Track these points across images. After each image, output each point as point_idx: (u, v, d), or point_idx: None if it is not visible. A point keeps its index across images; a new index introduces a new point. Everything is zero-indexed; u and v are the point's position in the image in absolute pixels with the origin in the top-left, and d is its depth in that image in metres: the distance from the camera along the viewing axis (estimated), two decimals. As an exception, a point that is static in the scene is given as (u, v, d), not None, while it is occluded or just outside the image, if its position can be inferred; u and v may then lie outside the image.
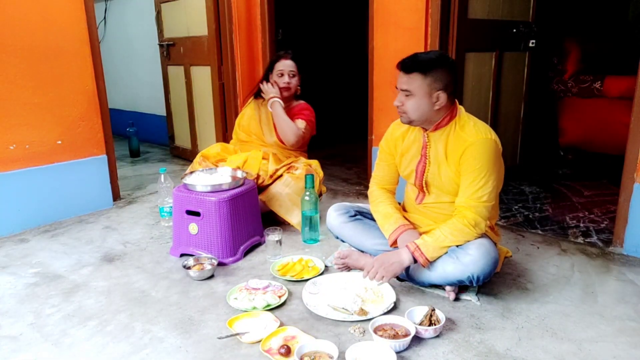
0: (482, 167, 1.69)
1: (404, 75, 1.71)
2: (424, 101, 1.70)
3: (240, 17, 3.57)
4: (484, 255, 1.70)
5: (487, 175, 1.69)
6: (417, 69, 1.68)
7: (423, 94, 1.69)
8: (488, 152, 1.70)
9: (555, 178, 3.55)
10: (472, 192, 1.71)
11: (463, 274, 1.71)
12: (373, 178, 2.06)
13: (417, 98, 1.70)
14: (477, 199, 1.70)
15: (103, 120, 2.96)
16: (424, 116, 1.75)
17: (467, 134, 1.73)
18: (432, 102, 1.71)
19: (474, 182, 1.70)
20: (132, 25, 5.11)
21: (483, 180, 1.69)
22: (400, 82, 1.73)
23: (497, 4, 2.94)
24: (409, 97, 1.72)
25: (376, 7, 2.89)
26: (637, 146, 2.19)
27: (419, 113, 1.73)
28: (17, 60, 2.55)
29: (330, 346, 1.47)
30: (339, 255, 2.09)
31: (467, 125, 1.75)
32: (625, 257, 2.21)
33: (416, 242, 1.75)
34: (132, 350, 1.57)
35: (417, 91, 1.69)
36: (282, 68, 2.63)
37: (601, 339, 1.60)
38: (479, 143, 1.69)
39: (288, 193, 2.51)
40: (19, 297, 1.94)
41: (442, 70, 1.69)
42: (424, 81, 1.68)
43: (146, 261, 2.25)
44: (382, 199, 1.99)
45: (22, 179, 2.64)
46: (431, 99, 1.70)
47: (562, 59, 3.75)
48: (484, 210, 1.71)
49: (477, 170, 1.69)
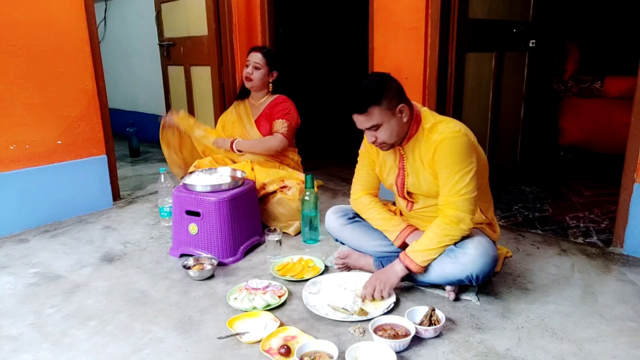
0: (454, 162, 1.68)
1: (360, 116, 1.69)
2: (393, 122, 1.71)
3: (240, 17, 3.57)
4: (482, 255, 1.70)
5: (461, 168, 1.68)
6: (369, 103, 1.67)
7: (389, 118, 1.69)
8: (457, 146, 1.68)
9: (555, 178, 3.55)
10: (450, 188, 1.70)
11: (462, 273, 1.71)
12: (355, 184, 2.04)
13: (385, 125, 1.70)
14: (456, 193, 1.69)
15: (103, 120, 2.96)
16: (401, 134, 1.76)
17: (434, 134, 1.73)
18: (399, 118, 1.71)
19: (450, 178, 1.69)
20: (132, 25, 5.11)
21: (459, 175, 1.68)
22: (360, 123, 1.72)
23: (497, 4, 2.94)
24: (378, 129, 1.72)
25: (376, 7, 2.89)
26: (637, 146, 2.19)
27: (395, 134, 1.74)
28: (17, 60, 2.55)
29: (330, 346, 1.47)
30: (339, 255, 2.09)
31: (434, 127, 1.74)
32: (625, 257, 2.21)
33: (406, 251, 1.77)
34: (132, 350, 1.57)
35: (382, 119, 1.69)
36: (249, 59, 2.67)
37: (601, 339, 1.60)
38: (446, 140, 1.69)
39: (282, 212, 2.52)
40: (19, 297, 1.94)
41: (388, 88, 1.69)
42: (382, 108, 1.67)
43: (146, 261, 2.25)
44: (373, 204, 1.99)
45: (22, 179, 2.64)
46: (396, 116, 1.71)
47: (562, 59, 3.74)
48: (465, 204, 1.69)
49: (450, 166, 1.68)
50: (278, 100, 2.68)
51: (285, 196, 2.51)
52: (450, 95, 2.79)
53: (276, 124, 2.61)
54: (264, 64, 2.64)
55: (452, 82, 2.77)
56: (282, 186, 2.54)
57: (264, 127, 2.66)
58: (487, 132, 3.15)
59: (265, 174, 2.54)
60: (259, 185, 2.50)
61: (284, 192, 2.52)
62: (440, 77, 2.73)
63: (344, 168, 3.97)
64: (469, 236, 1.78)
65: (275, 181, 2.53)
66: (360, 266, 2.05)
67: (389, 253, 1.95)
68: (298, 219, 2.51)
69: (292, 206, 2.51)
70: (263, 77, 2.66)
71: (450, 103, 2.80)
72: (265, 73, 2.66)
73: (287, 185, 2.54)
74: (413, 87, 2.80)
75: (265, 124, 2.66)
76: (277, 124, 2.61)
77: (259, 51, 2.67)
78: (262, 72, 2.65)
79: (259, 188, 2.50)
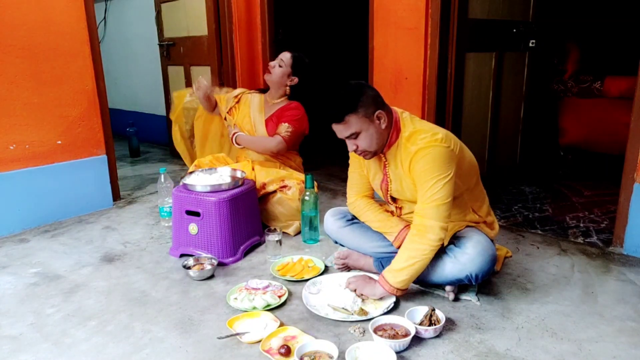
0: (428, 171, 1.65)
1: (338, 125, 1.69)
2: (372, 129, 1.70)
3: (240, 17, 3.57)
4: (480, 254, 1.70)
5: (434, 177, 1.64)
6: (345, 112, 1.66)
7: (367, 125, 1.68)
8: (431, 157, 1.65)
9: (555, 178, 3.55)
10: (421, 195, 1.68)
11: (461, 272, 1.71)
12: (350, 188, 2.04)
13: (364, 132, 1.69)
14: (427, 199, 1.66)
15: (103, 120, 2.96)
16: (381, 141, 1.74)
17: (411, 143, 1.70)
18: (378, 124, 1.70)
19: (422, 185, 1.67)
20: (132, 25, 5.11)
21: (431, 182, 1.65)
22: (340, 132, 1.72)
23: (497, 4, 2.94)
24: (357, 137, 1.71)
25: (376, 7, 2.89)
26: (637, 146, 2.19)
27: (376, 141, 1.72)
28: (17, 60, 2.55)
29: (330, 346, 1.47)
30: (338, 255, 2.09)
31: (412, 136, 1.71)
32: (625, 257, 2.21)
33: (383, 272, 1.75)
34: (132, 350, 1.57)
35: (361, 127, 1.68)
36: (279, 56, 2.68)
37: (601, 339, 1.60)
38: (421, 151, 1.66)
39: (282, 212, 2.52)
40: (19, 297, 1.94)
41: (364, 96, 1.68)
42: (359, 115, 1.66)
43: (146, 261, 2.25)
44: (369, 206, 1.98)
45: (22, 179, 2.64)
46: (374, 123, 1.69)
47: (562, 59, 3.75)
48: (434, 211, 1.65)
49: (424, 174, 1.66)
50: (291, 106, 2.68)
51: (285, 196, 2.51)
52: (450, 95, 2.79)
53: (281, 126, 2.61)
54: (289, 65, 2.64)
55: (452, 82, 2.77)
56: (282, 186, 2.54)
57: (271, 127, 2.66)
58: (487, 132, 3.15)
59: (266, 174, 2.54)
60: (259, 185, 2.50)
61: (284, 192, 2.52)
62: (440, 77, 2.73)
63: (344, 168, 3.93)
64: (467, 235, 1.78)
65: (275, 181, 2.53)
66: (360, 266, 2.05)
67: (388, 254, 1.95)
68: (298, 218, 2.51)
69: (291, 206, 2.51)
70: (282, 76, 2.65)
71: (450, 103, 2.80)
72: (286, 73, 2.65)
73: (287, 184, 2.54)
74: (413, 87, 2.80)
75: (273, 126, 2.66)
76: (282, 127, 2.60)
77: (290, 52, 2.67)
78: (283, 71, 2.64)
79: (259, 188, 2.50)
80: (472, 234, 1.78)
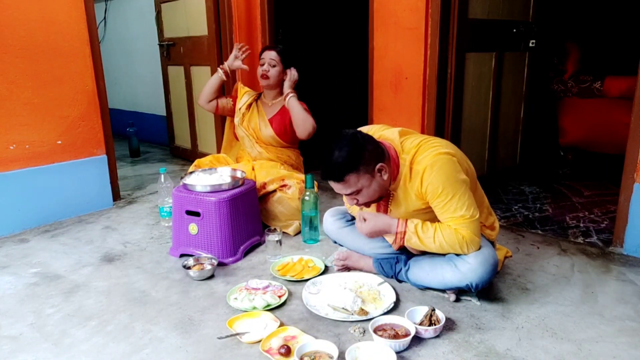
0: (445, 187, 1.61)
1: (337, 184, 1.65)
2: (374, 185, 1.66)
3: (240, 17, 3.57)
4: (482, 264, 1.68)
5: (454, 191, 1.62)
6: (346, 171, 1.61)
7: (368, 182, 1.65)
8: (442, 170, 1.62)
9: (555, 178, 3.55)
10: (451, 214, 1.64)
11: (461, 281, 1.71)
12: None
13: (365, 189, 1.66)
14: (460, 218, 1.64)
15: (103, 120, 2.96)
16: (383, 191, 1.72)
17: (416, 165, 1.66)
18: (380, 177, 1.66)
19: (448, 204, 1.63)
20: (132, 25, 5.11)
21: (455, 199, 1.62)
22: (340, 190, 1.68)
23: (497, 4, 2.94)
24: (359, 193, 1.67)
25: (376, 7, 2.89)
26: (637, 146, 2.19)
27: (378, 193, 1.70)
28: (17, 60, 2.55)
29: (330, 346, 1.47)
30: (338, 256, 2.09)
31: (414, 158, 1.67)
32: (625, 257, 2.21)
33: (407, 227, 1.71)
34: (132, 350, 1.57)
35: (362, 184, 1.64)
36: (263, 57, 2.67)
37: (601, 339, 1.60)
38: (429, 167, 1.62)
39: (281, 211, 2.52)
40: (19, 297, 1.94)
41: (364, 152, 1.62)
42: (359, 174, 1.62)
43: (146, 261, 2.25)
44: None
45: (22, 179, 2.64)
46: (376, 177, 1.65)
47: (562, 59, 3.74)
48: (472, 226, 1.66)
49: (442, 193, 1.62)
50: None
51: (285, 195, 2.51)
52: (450, 95, 2.79)
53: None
54: (279, 61, 2.65)
55: (452, 82, 2.77)
56: (282, 185, 2.54)
57: (278, 126, 2.66)
58: (487, 132, 3.15)
59: (266, 174, 2.54)
60: (259, 185, 2.50)
61: (284, 191, 2.52)
62: (440, 77, 2.73)
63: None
64: None
65: (275, 180, 2.53)
66: (360, 267, 2.05)
67: (387, 255, 1.95)
68: (298, 218, 2.51)
69: (291, 205, 2.51)
70: (279, 75, 2.66)
71: (450, 103, 2.79)
72: (280, 70, 2.66)
73: (287, 184, 2.54)
74: (413, 87, 2.80)
75: (280, 124, 2.66)
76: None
77: (272, 49, 2.67)
78: (278, 70, 2.65)
79: (259, 187, 2.50)
80: None
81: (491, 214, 1.92)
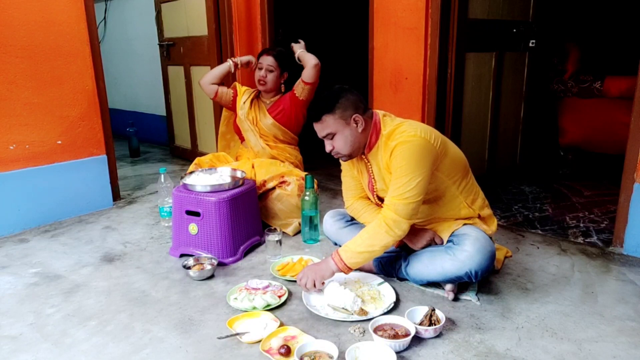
0: (405, 166, 1.67)
1: (317, 124, 1.79)
2: (347, 132, 1.76)
3: (240, 17, 3.57)
4: (479, 251, 1.71)
5: (410, 173, 1.67)
6: (322, 112, 1.75)
7: (342, 127, 1.76)
8: (410, 151, 1.67)
9: (555, 178, 3.55)
10: (395, 189, 1.70)
11: (460, 270, 1.72)
12: (345, 192, 2.06)
13: (339, 134, 1.77)
14: (400, 196, 1.68)
15: (103, 120, 2.96)
16: (356, 144, 1.80)
17: (391, 140, 1.74)
18: (354, 128, 1.76)
19: (397, 180, 1.69)
20: (132, 25, 5.11)
21: (406, 179, 1.67)
22: (318, 131, 1.81)
23: (497, 4, 2.94)
24: (334, 137, 1.78)
25: (376, 7, 2.89)
26: (637, 146, 2.19)
27: (350, 144, 1.78)
28: (17, 60, 2.55)
29: (330, 346, 1.47)
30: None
31: (392, 133, 1.75)
32: (625, 257, 2.21)
33: (338, 250, 1.78)
34: (132, 350, 1.57)
35: (336, 128, 1.76)
36: (261, 62, 2.70)
37: (601, 339, 1.60)
38: (400, 145, 1.69)
39: (280, 209, 2.52)
40: (19, 297, 1.94)
41: (343, 99, 1.75)
42: (335, 117, 1.75)
43: (146, 261, 2.25)
44: (366, 208, 1.99)
45: (22, 179, 2.64)
46: (351, 126, 1.76)
47: (562, 59, 3.74)
48: (406, 209, 1.68)
49: (400, 169, 1.68)
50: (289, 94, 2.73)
51: (284, 192, 2.51)
52: (450, 95, 2.79)
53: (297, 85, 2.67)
54: (276, 66, 2.68)
55: (452, 82, 2.77)
56: (281, 182, 2.54)
57: (277, 114, 2.70)
58: (487, 132, 3.15)
59: (266, 171, 2.55)
60: (259, 183, 2.51)
61: (283, 188, 2.52)
62: (440, 77, 2.73)
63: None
64: (466, 233, 1.78)
65: (275, 177, 2.54)
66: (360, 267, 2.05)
67: (387, 254, 1.95)
68: (297, 215, 2.51)
69: (291, 202, 2.50)
70: (276, 80, 2.71)
71: (450, 103, 2.79)
72: (278, 75, 2.71)
73: (287, 180, 2.54)
74: (413, 87, 2.80)
75: (279, 111, 2.70)
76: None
77: (270, 54, 2.70)
78: (275, 75, 2.70)
79: (259, 185, 2.50)
80: (470, 231, 1.79)
81: (487, 207, 1.92)
